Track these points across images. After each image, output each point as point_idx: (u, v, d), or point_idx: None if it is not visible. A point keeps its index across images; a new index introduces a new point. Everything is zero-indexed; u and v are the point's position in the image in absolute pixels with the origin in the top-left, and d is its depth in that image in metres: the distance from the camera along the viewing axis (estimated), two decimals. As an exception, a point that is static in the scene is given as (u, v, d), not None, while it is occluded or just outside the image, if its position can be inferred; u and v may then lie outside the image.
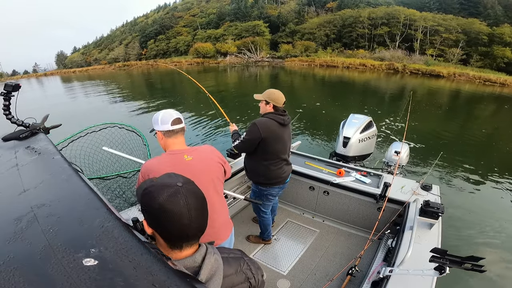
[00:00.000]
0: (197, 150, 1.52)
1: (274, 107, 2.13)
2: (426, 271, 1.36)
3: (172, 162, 1.44)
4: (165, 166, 1.42)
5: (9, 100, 1.59)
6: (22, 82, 37.23)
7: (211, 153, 1.55)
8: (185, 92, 15.81)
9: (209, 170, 1.50)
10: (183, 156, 1.45)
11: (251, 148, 2.12)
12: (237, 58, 37.66)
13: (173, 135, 1.48)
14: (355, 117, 3.80)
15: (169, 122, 1.45)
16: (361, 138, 3.61)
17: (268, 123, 2.07)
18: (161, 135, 1.49)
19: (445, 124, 9.45)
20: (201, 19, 51.58)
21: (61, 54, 75.06)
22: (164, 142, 1.50)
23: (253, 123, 2.07)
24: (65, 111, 11.17)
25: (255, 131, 2.04)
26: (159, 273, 0.54)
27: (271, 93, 2.13)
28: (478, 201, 4.55)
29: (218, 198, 1.57)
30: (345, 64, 29.95)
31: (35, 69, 69.69)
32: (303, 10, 43.46)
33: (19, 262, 0.55)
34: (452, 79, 23.51)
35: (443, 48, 31.06)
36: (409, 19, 33.47)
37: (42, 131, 1.61)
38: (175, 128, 1.46)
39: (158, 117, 1.47)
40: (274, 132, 2.08)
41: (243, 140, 2.11)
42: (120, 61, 54.19)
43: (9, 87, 1.54)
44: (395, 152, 3.45)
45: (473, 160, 6.25)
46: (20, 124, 1.60)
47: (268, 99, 2.12)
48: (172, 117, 1.46)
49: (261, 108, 2.20)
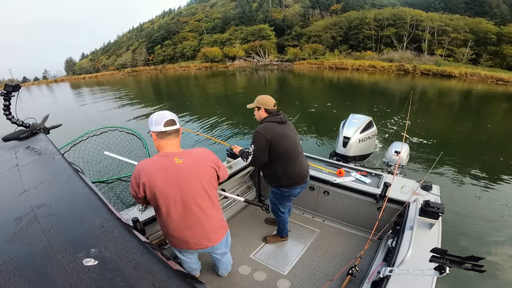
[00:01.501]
0: (189, 154, 1.50)
1: (266, 110, 2.19)
2: (426, 271, 1.36)
3: (163, 164, 1.44)
4: (155, 167, 1.43)
5: (9, 100, 1.60)
6: (33, 88, 37.62)
7: (203, 157, 1.54)
8: (192, 96, 15.90)
9: (199, 174, 1.49)
10: (173, 158, 1.45)
11: (264, 156, 2.12)
12: (246, 62, 37.73)
13: (165, 137, 1.47)
14: (355, 117, 3.80)
15: (161, 123, 1.44)
16: (361, 138, 3.61)
17: (269, 126, 2.12)
18: (155, 136, 1.49)
19: (451, 124, 9.40)
20: (206, 24, 51.68)
21: (70, 60, 75.39)
22: (158, 143, 1.50)
23: (255, 131, 2.13)
24: (86, 116, 11.26)
25: (260, 137, 2.07)
26: (159, 273, 0.54)
27: (260, 98, 2.20)
28: (478, 200, 4.55)
29: (208, 202, 1.56)
30: (355, 66, 29.70)
31: (45, 75, 70.45)
32: (308, 13, 43.37)
33: (19, 262, 0.55)
34: (464, 79, 23.12)
35: (452, 48, 30.77)
36: (416, 20, 33.22)
37: (42, 131, 1.61)
38: (167, 130, 1.46)
39: (152, 118, 1.47)
40: (277, 131, 2.11)
41: (253, 153, 2.12)
42: (127, 67, 54.56)
43: (9, 87, 1.54)
44: (395, 152, 3.45)
45: (474, 160, 6.25)
46: (20, 124, 1.60)
47: (258, 105, 2.19)
48: (166, 118, 1.45)
49: (257, 116, 2.26)
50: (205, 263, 2.28)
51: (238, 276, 2.29)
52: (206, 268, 2.29)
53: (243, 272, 2.33)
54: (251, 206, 3.28)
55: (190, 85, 24.09)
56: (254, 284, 2.22)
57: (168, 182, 1.43)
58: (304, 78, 24.68)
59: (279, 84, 21.38)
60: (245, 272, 2.33)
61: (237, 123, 9.16)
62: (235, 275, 2.29)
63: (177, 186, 1.44)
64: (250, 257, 2.51)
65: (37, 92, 32.07)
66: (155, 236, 2.15)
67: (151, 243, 0.75)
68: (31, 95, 28.14)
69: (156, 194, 1.43)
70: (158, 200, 1.44)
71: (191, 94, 18.43)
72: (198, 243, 1.60)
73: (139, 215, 2.09)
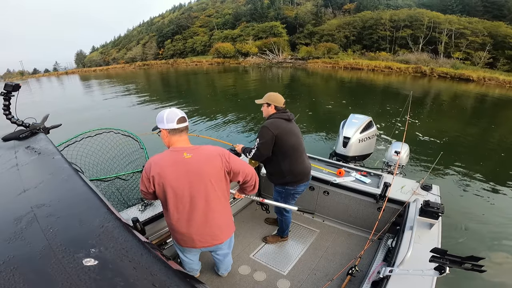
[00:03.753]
0: (198, 149, 1.53)
1: (275, 107, 2.22)
2: (426, 271, 1.36)
3: (173, 158, 1.48)
4: (166, 162, 1.47)
5: (9, 100, 1.60)
6: (43, 80, 37.65)
7: (212, 153, 1.54)
8: (201, 92, 15.93)
9: (206, 169, 1.50)
10: (182, 153, 1.48)
11: (268, 151, 2.14)
12: (259, 58, 37.66)
13: (178, 133, 1.52)
14: (355, 117, 3.80)
15: (174, 121, 1.49)
16: (361, 138, 3.61)
17: (276, 122, 2.15)
18: (166, 133, 1.51)
19: (458, 126, 9.36)
20: (217, 19, 51.66)
21: (80, 53, 75.78)
22: (169, 140, 1.53)
23: (262, 126, 2.15)
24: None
25: (267, 132, 2.10)
26: (159, 273, 0.54)
27: (271, 95, 2.24)
28: (479, 201, 4.55)
29: (215, 198, 1.55)
30: (370, 67, 29.40)
31: (55, 67, 71.10)
32: (320, 11, 43.11)
33: (19, 262, 0.55)
34: (482, 83, 22.76)
35: (469, 51, 30.31)
36: (433, 22, 32.71)
37: (42, 131, 1.61)
38: (180, 127, 1.51)
39: (163, 116, 1.50)
40: (284, 128, 2.15)
41: (258, 146, 2.14)
42: (137, 60, 54.78)
43: (9, 87, 1.54)
44: (395, 152, 3.45)
45: (475, 162, 6.24)
46: (20, 124, 1.60)
47: (269, 101, 2.22)
48: (178, 116, 1.50)
49: (264, 112, 2.29)
50: (205, 263, 2.28)
51: (238, 276, 2.29)
52: (206, 268, 2.29)
53: (243, 272, 2.33)
54: (251, 206, 3.28)
55: (208, 80, 24.28)
56: (254, 284, 2.22)
57: (177, 176, 1.45)
58: (319, 76, 24.58)
59: (296, 82, 21.26)
60: (245, 272, 2.33)
61: (248, 121, 9.21)
62: (235, 275, 2.29)
63: (186, 181, 1.46)
64: (250, 257, 2.51)
65: (56, 83, 32.75)
66: (155, 236, 2.15)
67: (151, 243, 0.75)
68: (61, 83, 28.42)
69: (165, 187, 1.45)
70: (167, 193, 1.46)
71: (209, 89, 18.47)
72: (203, 241, 1.60)
73: (139, 215, 2.09)
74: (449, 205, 3.73)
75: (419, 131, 7.87)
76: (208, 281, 2.21)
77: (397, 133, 6.41)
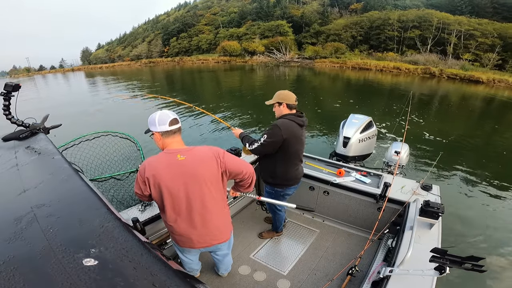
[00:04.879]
0: (192, 150, 1.51)
1: (288, 106, 2.13)
2: (426, 271, 1.36)
3: (167, 160, 1.47)
4: (160, 164, 1.46)
5: (9, 100, 1.60)
6: (49, 77, 37.45)
7: (206, 154, 1.53)
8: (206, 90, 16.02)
9: (201, 171, 1.49)
10: (176, 155, 1.47)
11: (272, 150, 2.09)
12: (267, 57, 37.57)
13: (171, 135, 1.50)
14: (355, 117, 3.80)
15: (167, 123, 1.47)
16: (361, 138, 3.61)
17: (289, 125, 2.07)
18: (159, 136, 1.50)
19: (462, 127, 9.35)
20: (223, 18, 51.51)
21: (86, 50, 76.06)
22: (162, 142, 1.52)
23: (274, 124, 2.06)
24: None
25: (278, 133, 2.02)
26: (159, 273, 0.54)
27: (281, 93, 2.14)
28: (479, 201, 4.55)
29: (211, 199, 1.54)
30: (378, 67, 29.18)
31: (61, 64, 71.89)
32: (327, 10, 42.88)
33: (19, 262, 0.55)
34: (491, 85, 22.46)
35: (478, 52, 30.01)
36: (443, 23, 32.34)
37: (42, 131, 1.61)
38: (173, 128, 1.49)
39: (154, 119, 1.48)
40: (295, 133, 2.08)
41: (263, 143, 2.06)
42: (142, 58, 54.93)
43: (9, 87, 1.54)
44: (395, 152, 3.45)
45: (476, 162, 6.23)
46: (20, 124, 1.60)
47: (279, 100, 2.13)
48: (169, 117, 1.48)
49: (276, 112, 2.19)
50: (205, 263, 2.28)
51: (238, 276, 2.29)
52: (206, 268, 2.29)
53: (243, 272, 2.33)
54: (251, 206, 3.28)
55: (216, 77, 24.38)
56: (254, 284, 2.22)
57: (172, 177, 1.44)
58: (327, 76, 24.43)
59: (303, 81, 21.16)
60: (245, 272, 2.33)
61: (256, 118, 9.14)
62: (235, 275, 2.29)
63: (181, 182, 1.46)
64: (250, 257, 2.51)
65: (62, 80, 32.84)
66: (155, 236, 2.15)
67: (151, 243, 0.75)
68: (67, 80, 28.59)
69: (161, 188, 1.44)
70: (163, 194, 1.46)
71: (221, 86, 18.46)
72: (202, 241, 1.60)
73: (139, 215, 2.09)
74: (450, 205, 3.73)
75: (422, 131, 7.87)
76: (208, 281, 2.21)
77: (398, 133, 6.41)
